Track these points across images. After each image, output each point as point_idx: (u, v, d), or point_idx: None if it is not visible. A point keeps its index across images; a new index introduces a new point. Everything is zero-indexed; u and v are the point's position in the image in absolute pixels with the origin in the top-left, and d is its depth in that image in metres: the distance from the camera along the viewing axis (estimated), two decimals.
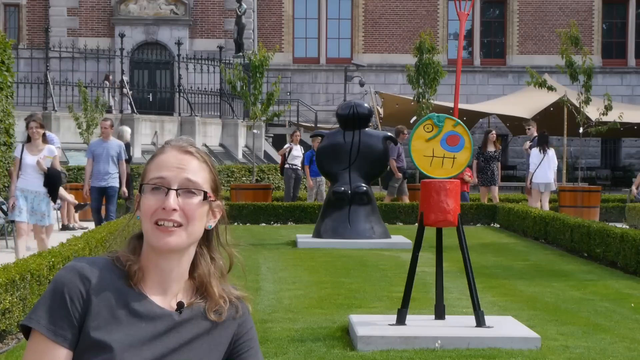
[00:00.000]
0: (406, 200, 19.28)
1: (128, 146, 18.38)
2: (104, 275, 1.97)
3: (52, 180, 10.90)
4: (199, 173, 2.02)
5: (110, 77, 31.35)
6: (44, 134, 11.02)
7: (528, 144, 19.66)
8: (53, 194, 11.04)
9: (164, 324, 1.98)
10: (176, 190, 1.98)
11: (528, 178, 18.66)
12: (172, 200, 1.96)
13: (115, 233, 9.90)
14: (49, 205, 11.01)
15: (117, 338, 1.92)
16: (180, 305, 2.01)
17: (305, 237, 14.04)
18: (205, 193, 2.01)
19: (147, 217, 1.97)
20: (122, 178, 13.99)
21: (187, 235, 1.98)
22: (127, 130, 17.63)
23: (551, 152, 18.74)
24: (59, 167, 11.22)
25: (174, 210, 1.96)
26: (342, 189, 13.65)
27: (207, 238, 2.07)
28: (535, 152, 18.76)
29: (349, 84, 34.93)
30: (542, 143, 18.76)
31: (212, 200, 2.04)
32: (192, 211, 1.98)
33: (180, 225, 1.97)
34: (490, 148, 19.66)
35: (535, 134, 19.66)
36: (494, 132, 20.23)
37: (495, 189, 19.82)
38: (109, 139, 14.01)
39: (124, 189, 14.15)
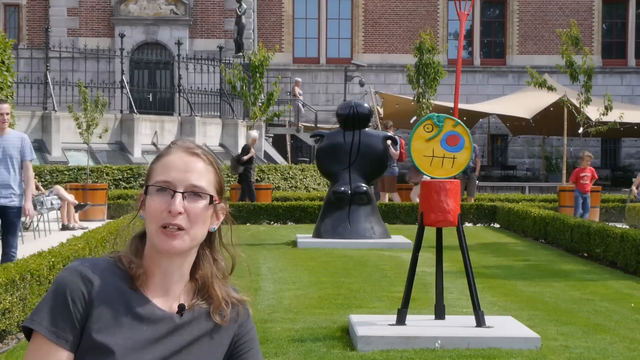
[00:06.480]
0: (471, 200, 19.95)
1: (248, 149, 19.06)
2: (106, 277, 1.97)
3: None
4: (205, 176, 2.01)
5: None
6: None
7: None
8: None
9: (165, 326, 1.98)
10: (182, 193, 1.98)
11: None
12: (178, 203, 1.96)
13: (118, 231, 9.91)
14: None
15: (118, 341, 1.92)
16: (181, 307, 2.01)
17: (305, 237, 14.04)
18: (211, 197, 2.01)
19: (153, 219, 1.97)
20: (27, 186, 9.17)
21: (191, 238, 1.98)
22: (253, 133, 18.12)
23: None
24: None
25: (180, 213, 1.96)
26: (342, 189, 13.65)
27: (210, 240, 2.07)
28: None
29: (349, 84, 34.91)
30: None
31: (217, 203, 2.04)
32: (197, 215, 1.98)
33: (184, 228, 1.96)
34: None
35: None
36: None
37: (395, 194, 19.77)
38: (5, 131, 9.10)
39: (28, 204, 9.12)
